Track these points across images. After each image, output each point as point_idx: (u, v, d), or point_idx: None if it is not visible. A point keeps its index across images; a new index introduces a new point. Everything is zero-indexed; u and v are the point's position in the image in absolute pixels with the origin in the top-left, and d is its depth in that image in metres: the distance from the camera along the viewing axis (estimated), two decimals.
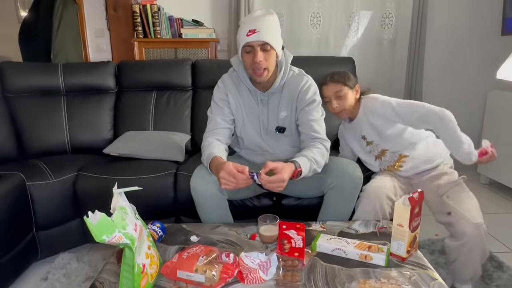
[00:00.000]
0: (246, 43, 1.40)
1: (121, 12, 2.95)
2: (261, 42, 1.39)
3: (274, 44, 1.42)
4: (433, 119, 1.52)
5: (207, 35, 2.91)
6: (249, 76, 1.54)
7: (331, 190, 1.49)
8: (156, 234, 1.29)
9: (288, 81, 1.57)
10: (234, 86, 1.59)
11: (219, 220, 1.50)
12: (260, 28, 1.38)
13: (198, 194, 1.46)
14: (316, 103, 1.58)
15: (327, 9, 3.09)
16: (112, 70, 2.41)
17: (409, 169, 1.64)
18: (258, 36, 1.38)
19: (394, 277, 1.06)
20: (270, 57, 1.44)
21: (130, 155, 2.01)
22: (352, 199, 1.51)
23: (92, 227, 0.88)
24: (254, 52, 1.41)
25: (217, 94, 1.61)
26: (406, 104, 1.59)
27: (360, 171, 1.51)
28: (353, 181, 1.48)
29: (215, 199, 1.47)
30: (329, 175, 1.49)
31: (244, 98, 1.59)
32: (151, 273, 1.04)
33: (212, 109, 1.61)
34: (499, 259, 1.80)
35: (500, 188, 2.82)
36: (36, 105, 2.24)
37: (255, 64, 1.42)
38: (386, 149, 1.66)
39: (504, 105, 2.71)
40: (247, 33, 1.38)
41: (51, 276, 1.72)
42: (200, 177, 1.47)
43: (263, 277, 1.05)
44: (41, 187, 1.75)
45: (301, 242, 1.17)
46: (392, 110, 1.58)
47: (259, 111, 1.59)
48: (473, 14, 3.13)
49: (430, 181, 1.61)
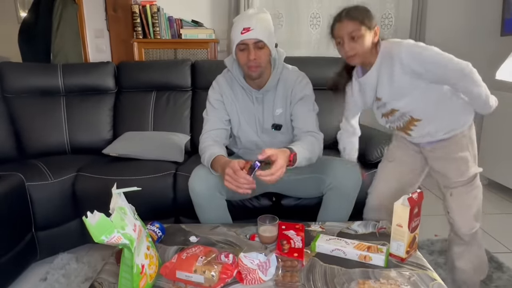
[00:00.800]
0: (241, 41, 1.41)
1: (121, 13, 2.95)
2: (255, 40, 1.40)
3: (267, 41, 1.43)
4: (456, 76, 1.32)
5: (207, 35, 2.91)
6: (243, 74, 1.55)
7: (330, 190, 1.49)
8: (155, 235, 1.29)
9: (282, 78, 1.58)
10: (228, 86, 1.60)
11: (218, 220, 1.49)
12: (254, 26, 1.39)
13: (196, 194, 1.46)
14: (309, 97, 1.58)
15: (327, 10, 3.08)
16: (112, 70, 2.41)
17: (420, 136, 1.43)
18: (252, 34, 1.38)
19: (393, 278, 1.06)
20: (264, 54, 1.45)
21: (130, 155, 2.01)
22: (351, 199, 1.51)
23: (91, 227, 0.88)
24: (249, 50, 1.42)
25: (212, 95, 1.61)
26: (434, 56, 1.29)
27: (360, 171, 1.51)
28: (352, 181, 1.48)
29: (213, 199, 1.47)
30: (328, 176, 1.49)
31: (239, 98, 1.59)
32: (150, 273, 1.03)
33: (208, 111, 1.62)
34: (498, 259, 1.80)
35: (499, 188, 2.82)
36: (35, 106, 2.24)
37: (249, 62, 1.43)
38: (396, 109, 1.40)
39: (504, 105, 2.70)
40: (241, 31, 1.39)
41: (50, 276, 1.72)
42: (198, 177, 1.47)
43: (262, 277, 1.05)
44: (40, 187, 1.75)
45: (300, 242, 1.17)
46: (420, 63, 1.27)
47: (254, 110, 1.59)
48: (472, 14, 3.13)
49: (442, 157, 1.43)
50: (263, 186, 1.67)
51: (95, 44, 3.13)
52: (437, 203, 2.58)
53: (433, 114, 1.38)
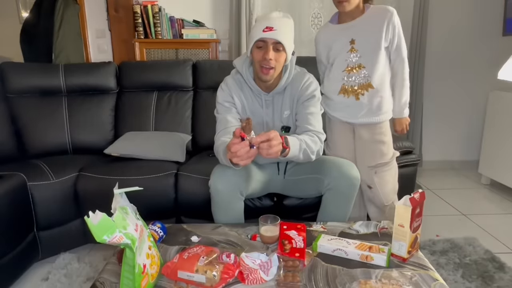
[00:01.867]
0: (261, 38, 1.40)
1: (122, 13, 2.95)
2: (275, 41, 1.40)
3: (287, 45, 1.42)
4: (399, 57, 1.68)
5: (208, 35, 2.91)
6: (253, 76, 1.54)
7: (328, 191, 1.50)
8: (157, 234, 1.29)
9: (291, 81, 1.57)
10: (238, 88, 1.57)
11: (233, 219, 1.49)
12: (278, 27, 1.39)
13: (217, 192, 1.44)
14: (316, 98, 1.56)
15: (328, 10, 3.08)
16: (113, 70, 2.42)
17: (365, 105, 1.69)
18: (274, 34, 1.39)
19: (395, 278, 1.06)
20: (280, 58, 1.44)
21: (131, 155, 2.01)
22: (349, 199, 1.51)
23: (93, 227, 0.88)
24: (267, 49, 1.41)
25: (221, 97, 1.57)
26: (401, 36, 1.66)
27: (357, 171, 1.50)
28: (350, 182, 1.47)
29: (234, 199, 1.47)
30: (326, 176, 1.49)
31: (248, 100, 1.58)
32: (151, 273, 1.04)
33: (219, 110, 1.58)
34: (500, 260, 1.79)
35: (501, 188, 2.82)
36: (37, 106, 2.24)
37: (264, 61, 1.42)
38: (363, 65, 1.65)
39: (505, 105, 2.71)
40: (264, 29, 1.39)
41: (52, 276, 1.72)
42: (220, 176, 1.44)
43: (264, 277, 1.05)
44: (42, 187, 1.76)
45: (301, 242, 1.17)
46: (393, 30, 1.62)
47: (263, 113, 1.58)
48: (474, 14, 3.13)
49: (370, 140, 1.73)
50: (265, 187, 1.67)
51: (97, 44, 3.13)
52: (439, 203, 2.59)
53: (382, 88, 1.68)
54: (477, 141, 3.25)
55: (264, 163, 1.66)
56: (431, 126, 3.33)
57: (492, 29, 3.11)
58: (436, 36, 3.14)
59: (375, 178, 1.73)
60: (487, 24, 3.13)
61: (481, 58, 3.18)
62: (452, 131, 3.37)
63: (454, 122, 3.35)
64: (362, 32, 1.64)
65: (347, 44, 1.66)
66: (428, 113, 3.27)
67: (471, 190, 2.88)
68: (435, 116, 3.31)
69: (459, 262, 1.77)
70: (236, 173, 1.43)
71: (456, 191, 2.85)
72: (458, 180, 3.09)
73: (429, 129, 3.32)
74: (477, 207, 2.54)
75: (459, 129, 3.37)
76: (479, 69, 3.20)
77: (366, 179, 1.74)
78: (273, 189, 1.71)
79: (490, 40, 3.14)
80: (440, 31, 3.14)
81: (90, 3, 3.04)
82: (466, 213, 2.42)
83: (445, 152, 3.40)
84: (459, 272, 1.69)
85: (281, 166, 1.67)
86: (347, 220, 1.55)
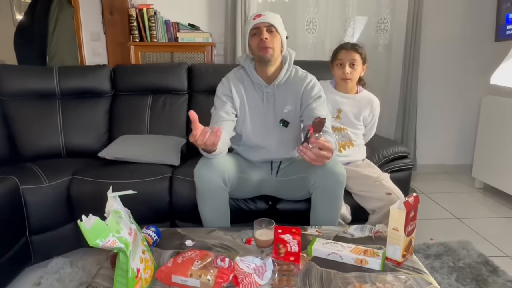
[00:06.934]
0: (253, 25, 1.53)
1: (117, 16, 2.95)
2: (267, 24, 1.52)
3: (278, 27, 1.54)
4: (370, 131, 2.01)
5: (203, 39, 2.91)
6: (255, 67, 1.61)
7: (315, 189, 1.50)
8: (151, 238, 1.28)
9: (293, 78, 1.64)
10: (238, 82, 1.64)
11: (217, 211, 1.51)
12: (267, 14, 1.54)
13: (202, 181, 1.46)
14: (322, 99, 1.63)
15: (323, 14, 3.10)
16: (108, 73, 2.41)
17: (345, 155, 1.88)
18: (265, 18, 1.52)
19: (389, 281, 1.06)
20: (275, 39, 1.54)
21: (125, 158, 2.00)
22: (337, 196, 1.50)
23: (86, 231, 0.87)
24: (261, 33, 1.52)
25: (220, 90, 1.64)
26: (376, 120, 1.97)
27: (342, 167, 1.49)
28: (335, 177, 1.46)
29: (217, 189, 1.48)
30: (312, 174, 1.49)
31: (249, 94, 1.62)
32: (145, 277, 1.03)
33: (215, 105, 1.64)
34: (494, 263, 1.80)
35: (494, 192, 2.84)
36: (31, 108, 2.23)
37: (261, 42, 1.51)
38: (346, 129, 1.89)
39: (498, 110, 2.74)
40: (254, 18, 1.54)
41: (44, 281, 1.70)
42: (205, 165, 1.47)
43: (259, 281, 1.05)
44: (35, 191, 1.74)
45: (296, 246, 1.17)
46: (372, 117, 1.93)
47: (264, 108, 1.62)
48: (467, 20, 3.16)
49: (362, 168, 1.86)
50: (257, 188, 1.68)
51: (92, 47, 3.12)
52: (433, 207, 2.61)
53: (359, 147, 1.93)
54: (471, 145, 3.28)
55: (257, 161, 1.68)
56: (425, 131, 3.35)
57: (485, 35, 3.15)
58: (429, 41, 3.17)
59: (389, 184, 1.73)
60: (480, 30, 3.17)
61: (474, 63, 3.22)
62: (445, 136, 3.40)
63: (447, 127, 3.38)
64: (350, 108, 1.87)
65: (334, 111, 1.89)
66: (422, 118, 3.30)
67: (465, 194, 2.90)
68: (429, 120, 3.34)
69: (453, 266, 1.78)
70: (219, 162, 1.48)
71: (450, 195, 2.86)
72: (452, 184, 3.11)
73: (423, 133, 3.34)
74: (471, 211, 2.56)
75: (453, 133, 3.40)
76: (472, 74, 3.24)
77: (381, 189, 1.72)
78: (265, 190, 1.71)
79: (483, 45, 3.18)
80: (433, 36, 3.17)
81: (85, 6, 3.04)
82: (460, 217, 2.44)
83: (439, 156, 3.43)
84: (453, 275, 1.70)
85: (275, 165, 1.68)
86: (339, 217, 1.56)
